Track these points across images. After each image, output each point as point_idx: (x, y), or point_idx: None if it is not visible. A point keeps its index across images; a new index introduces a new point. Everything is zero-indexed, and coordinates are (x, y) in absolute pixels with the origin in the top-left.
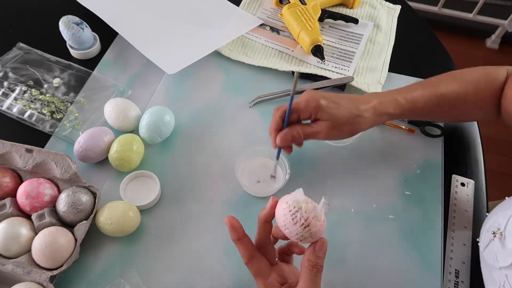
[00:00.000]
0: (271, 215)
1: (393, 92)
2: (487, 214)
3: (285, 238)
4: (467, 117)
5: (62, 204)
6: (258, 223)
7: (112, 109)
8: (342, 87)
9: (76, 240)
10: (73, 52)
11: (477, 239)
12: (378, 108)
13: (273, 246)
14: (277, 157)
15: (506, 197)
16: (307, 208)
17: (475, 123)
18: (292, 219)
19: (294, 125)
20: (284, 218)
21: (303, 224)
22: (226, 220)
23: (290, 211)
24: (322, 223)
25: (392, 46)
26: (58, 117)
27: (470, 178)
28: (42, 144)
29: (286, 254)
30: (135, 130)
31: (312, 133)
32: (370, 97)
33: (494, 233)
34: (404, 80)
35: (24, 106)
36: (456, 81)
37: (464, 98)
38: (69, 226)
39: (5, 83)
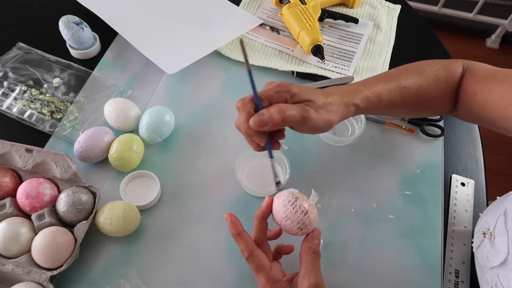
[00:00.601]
0: (268, 211)
1: (356, 84)
2: (480, 214)
3: (275, 237)
4: (426, 111)
5: (62, 204)
6: (254, 221)
7: (112, 109)
8: None
9: (76, 240)
10: (73, 52)
11: (471, 240)
12: (344, 98)
13: (268, 243)
14: (270, 155)
15: (498, 197)
16: (303, 198)
17: None
18: (293, 208)
19: (274, 104)
20: (284, 209)
21: (303, 211)
22: (225, 216)
23: (289, 201)
24: (316, 211)
25: (392, 46)
26: (58, 117)
27: (470, 178)
28: (42, 144)
29: (274, 258)
30: (135, 130)
31: (292, 115)
32: (332, 89)
33: (484, 233)
34: None
35: (24, 106)
36: (416, 73)
37: (425, 91)
38: (69, 226)
39: (5, 83)
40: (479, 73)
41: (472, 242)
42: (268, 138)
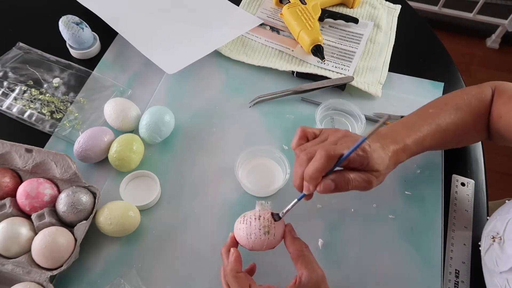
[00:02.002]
0: (235, 242)
1: (403, 134)
2: (487, 218)
3: (252, 271)
4: (466, 143)
5: (62, 204)
6: (222, 257)
7: (112, 109)
8: (342, 87)
9: (76, 240)
10: (73, 52)
11: (479, 243)
12: (395, 158)
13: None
14: (299, 199)
15: (506, 201)
16: (250, 212)
17: None
18: (245, 223)
19: (341, 171)
20: (242, 231)
21: (255, 218)
22: (230, 251)
23: (240, 222)
24: (268, 210)
25: (392, 46)
26: (58, 117)
27: (470, 178)
28: (42, 144)
29: None
30: (135, 130)
31: (355, 186)
32: (387, 142)
33: (493, 237)
34: (404, 80)
35: (24, 106)
36: (453, 110)
37: (463, 128)
38: (69, 226)
39: (5, 83)
40: (505, 94)
41: (479, 246)
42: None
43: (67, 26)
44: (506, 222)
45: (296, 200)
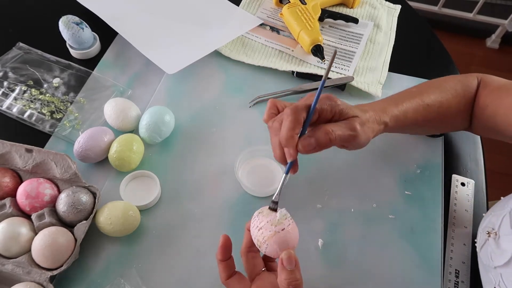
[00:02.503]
0: (250, 240)
1: (383, 102)
2: (483, 214)
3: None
4: (446, 127)
5: (62, 204)
6: (242, 257)
7: (112, 109)
8: (342, 87)
9: (76, 240)
10: (73, 52)
11: (475, 240)
12: (376, 116)
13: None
14: (287, 172)
15: (502, 197)
16: (265, 210)
17: None
18: (260, 223)
19: (319, 126)
20: (255, 230)
21: (268, 221)
22: (221, 238)
23: (254, 218)
24: (290, 221)
25: (392, 46)
26: (58, 117)
27: (470, 178)
28: (42, 144)
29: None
30: (135, 130)
31: (339, 136)
32: (365, 106)
33: (488, 233)
34: (404, 80)
35: (24, 106)
36: (436, 90)
37: (446, 107)
38: (69, 226)
39: (5, 83)
40: (491, 85)
41: (475, 242)
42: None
43: (67, 26)
44: (501, 217)
45: (283, 175)
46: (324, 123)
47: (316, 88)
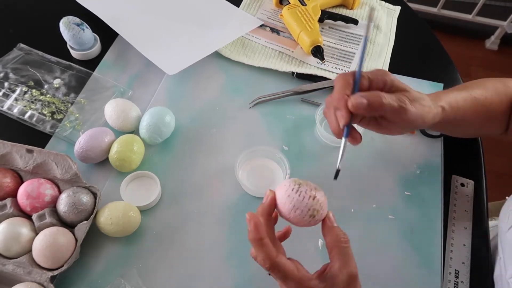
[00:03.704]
0: (273, 206)
1: (435, 93)
2: (507, 197)
3: (285, 237)
4: (491, 126)
5: (63, 204)
6: (263, 219)
7: (112, 110)
8: None
9: (76, 240)
10: (73, 53)
11: (491, 227)
12: (432, 99)
13: (279, 242)
14: (347, 134)
15: (506, 197)
16: (306, 182)
17: None
18: (299, 195)
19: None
20: (290, 200)
21: (310, 196)
22: (248, 217)
23: (293, 189)
24: (323, 194)
25: (391, 47)
26: (59, 118)
27: (470, 178)
28: (42, 145)
29: None
30: (135, 131)
31: (389, 103)
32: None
33: None
34: (403, 81)
35: (25, 106)
36: (480, 86)
37: (490, 102)
38: (70, 226)
39: (6, 84)
40: None
41: (495, 226)
42: (350, 122)
43: (67, 27)
44: None
45: (343, 139)
46: None
47: (316, 90)
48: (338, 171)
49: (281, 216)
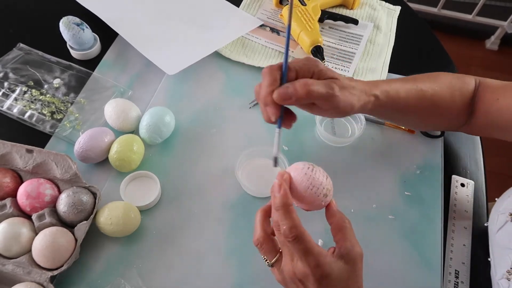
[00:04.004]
0: (288, 194)
1: (374, 80)
2: (496, 199)
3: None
4: (440, 120)
5: (63, 204)
6: (280, 211)
7: (112, 110)
8: None
9: (76, 240)
10: (73, 53)
11: (485, 223)
12: (365, 87)
13: None
14: (279, 125)
15: None
16: (318, 168)
17: None
18: (315, 174)
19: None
20: (306, 177)
21: (324, 175)
22: (278, 181)
23: (309, 168)
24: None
25: (392, 47)
26: (59, 118)
27: (470, 179)
28: (42, 145)
29: None
30: (135, 131)
31: (317, 90)
32: (352, 79)
33: (511, 214)
34: None
35: (25, 106)
36: (431, 79)
37: (440, 96)
38: (70, 226)
39: (6, 84)
40: (494, 83)
41: (486, 226)
42: (282, 113)
43: (67, 27)
44: None
45: (276, 130)
46: None
47: None
48: (276, 159)
49: (295, 197)
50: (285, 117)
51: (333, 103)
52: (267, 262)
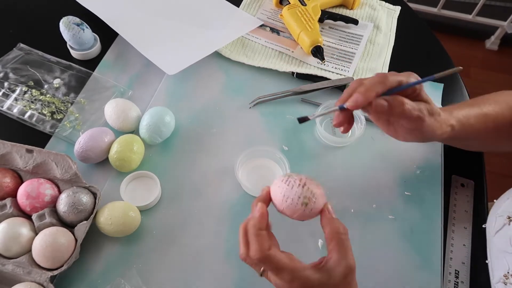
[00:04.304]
0: (268, 197)
1: (449, 107)
2: (494, 200)
3: None
4: (506, 143)
5: (63, 204)
6: (249, 231)
7: (112, 110)
8: (342, 88)
9: (76, 240)
10: (73, 53)
11: (483, 225)
12: (445, 116)
13: (272, 233)
14: (342, 107)
15: None
16: (298, 175)
17: None
18: (288, 185)
19: (394, 95)
20: (280, 190)
21: (299, 184)
22: (258, 206)
23: (282, 180)
24: (318, 184)
25: (391, 47)
26: (59, 118)
27: (470, 179)
28: (42, 145)
29: None
30: (135, 131)
31: (408, 110)
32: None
33: (509, 217)
34: None
35: (25, 106)
36: (492, 102)
37: (502, 118)
38: (70, 226)
39: (6, 84)
40: None
41: (484, 228)
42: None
43: (67, 27)
44: None
45: (335, 108)
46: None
47: (316, 90)
48: (306, 119)
49: (278, 211)
50: (349, 120)
51: (419, 126)
52: (257, 273)
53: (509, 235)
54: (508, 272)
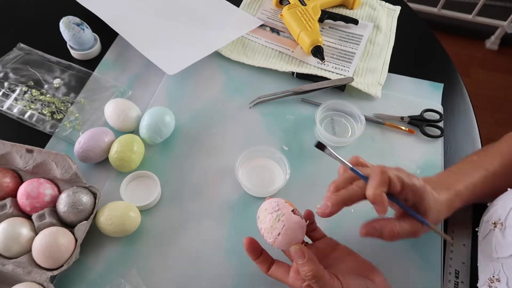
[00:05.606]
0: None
1: (452, 180)
2: (488, 204)
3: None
4: None
5: (63, 204)
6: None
7: (112, 110)
8: (342, 87)
9: (76, 240)
10: (73, 53)
11: (476, 229)
12: (448, 206)
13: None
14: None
15: (509, 188)
16: (269, 208)
17: (475, 123)
18: (266, 210)
19: (387, 221)
20: (262, 219)
21: (268, 211)
22: (245, 242)
23: (258, 216)
24: (282, 223)
25: (392, 47)
26: (59, 118)
27: None
28: (42, 145)
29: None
30: (135, 131)
31: (403, 231)
32: (439, 183)
33: (494, 223)
34: (404, 81)
35: (25, 106)
36: (497, 152)
37: (511, 171)
38: (70, 226)
39: (6, 84)
40: None
41: (477, 231)
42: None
43: (67, 27)
44: (508, 209)
45: (348, 165)
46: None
47: (316, 90)
48: (323, 147)
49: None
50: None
51: (412, 237)
52: None
53: (493, 241)
54: (493, 276)
